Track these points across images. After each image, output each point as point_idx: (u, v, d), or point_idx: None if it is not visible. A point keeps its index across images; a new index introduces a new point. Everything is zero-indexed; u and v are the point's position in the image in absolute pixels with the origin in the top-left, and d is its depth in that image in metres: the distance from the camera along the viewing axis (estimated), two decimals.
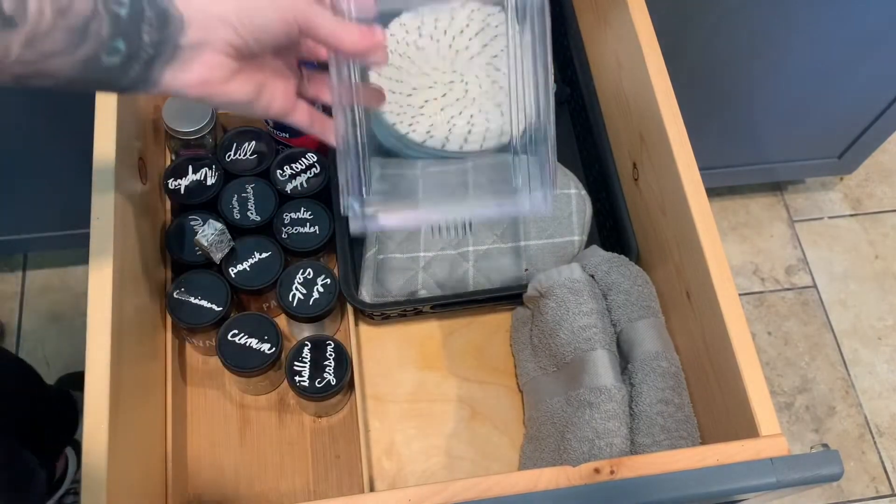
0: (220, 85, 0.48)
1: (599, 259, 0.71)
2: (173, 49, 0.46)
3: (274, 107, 0.53)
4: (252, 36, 0.48)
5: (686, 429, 0.65)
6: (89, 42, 0.43)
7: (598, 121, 0.80)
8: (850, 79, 1.26)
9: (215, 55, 0.47)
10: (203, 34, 0.46)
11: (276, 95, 0.53)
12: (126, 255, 0.64)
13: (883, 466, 1.42)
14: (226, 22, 0.47)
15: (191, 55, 0.46)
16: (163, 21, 0.45)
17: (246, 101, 0.51)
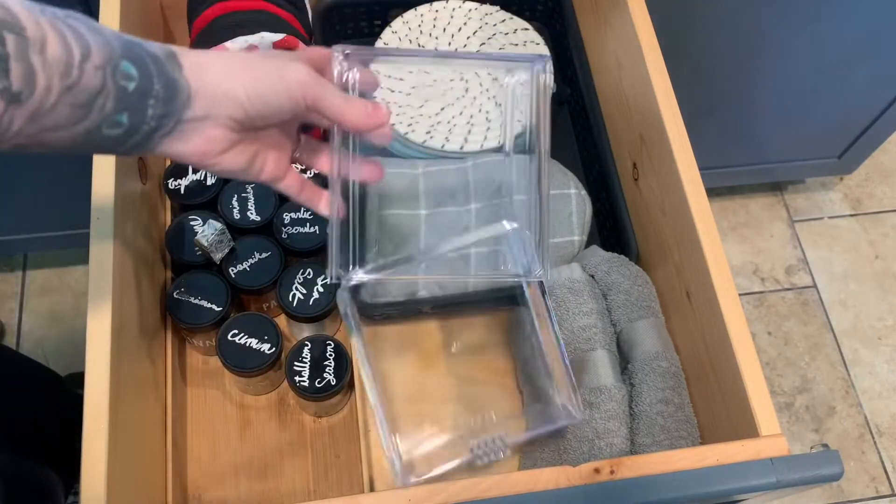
0: (215, 156, 0.48)
1: (599, 259, 0.71)
2: (176, 122, 0.46)
3: (264, 173, 0.53)
4: (258, 113, 0.48)
5: (686, 429, 0.65)
6: (92, 116, 0.42)
7: (598, 121, 0.80)
8: (850, 79, 1.26)
9: (216, 129, 0.47)
10: (208, 109, 0.46)
11: (267, 162, 0.52)
12: (126, 256, 0.64)
13: (883, 466, 1.42)
14: (234, 98, 0.47)
15: (192, 128, 0.46)
16: (170, 95, 0.44)
17: (238, 171, 0.51)
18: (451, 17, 0.86)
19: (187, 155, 0.47)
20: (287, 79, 0.48)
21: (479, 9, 0.86)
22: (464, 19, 0.86)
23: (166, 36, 0.87)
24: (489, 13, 0.87)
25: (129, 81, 0.43)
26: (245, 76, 0.47)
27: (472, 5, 0.87)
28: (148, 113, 0.44)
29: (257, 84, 0.47)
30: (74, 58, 0.40)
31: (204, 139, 0.47)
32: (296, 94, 0.49)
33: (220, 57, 0.48)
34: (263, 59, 0.49)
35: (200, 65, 0.46)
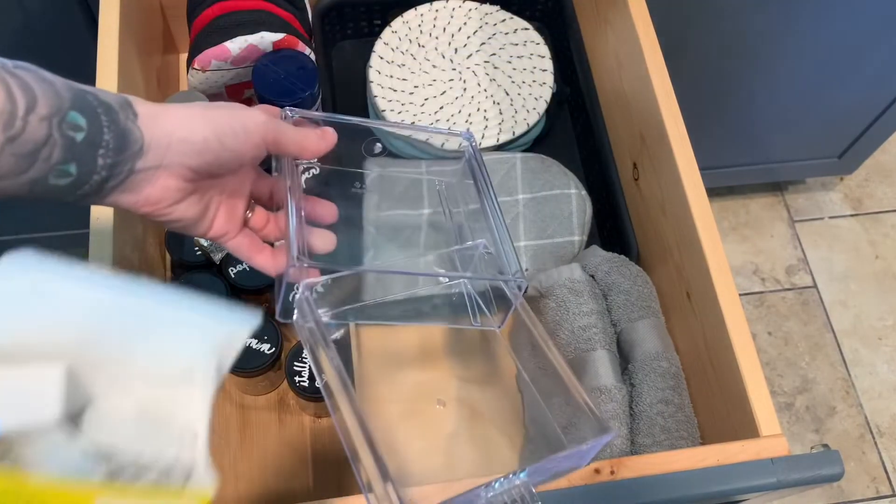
0: (167, 206, 0.48)
1: (600, 259, 0.71)
2: (128, 173, 0.45)
3: (214, 228, 0.52)
4: (216, 158, 0.48)
5: (686, 429, 0.65)
6: (38, 166, 0.42)
7: (599, 121, 0.79)
8: (851, 79, 1.26)
9: (170, 178, 0.46)
10: (162, 158, 0.46)
11: (218, 216, 0.52)
12: (125, 256, 0.64)
13: (883, 467, 1.42)
14: (190, 145, 0.46)
15: (145, 178, 0.46)
16: (122, 145, 0.44)
17: (190, 222, 0.50)
18: (451, 17, 0.86)
19: (140, 205, 0.47)
20: (245, 121, 0.48)
21: (479, 8, 0.86)
22: (464, 19, 0.86)
23: (166, 36, 0.87)
24: (489, 13, 0.86)
25: (76, 132, 0.42)
26: (203, 122, 0.47)
27: (472, 5, 0.86)
28: (98, 163, 0.43)
29: (216, 128, 0.47)
30: (19, 109, 0.40)
31: (157, 189, 0.46)
32: (254, 136, 0.49)
33: (176, 108, 0.47)
34: (221, 107, 0.49)
35: (156, 114, 0.46)
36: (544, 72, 0.83)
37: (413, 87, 0.83)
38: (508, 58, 0.84)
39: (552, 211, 0.76)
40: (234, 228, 0.53)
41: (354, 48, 0.89)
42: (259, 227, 0.56)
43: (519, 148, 0.83)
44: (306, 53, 0.76)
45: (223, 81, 0.76)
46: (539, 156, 0.79)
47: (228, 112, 0.48)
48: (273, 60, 0.73)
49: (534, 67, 0.84)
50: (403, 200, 0.76)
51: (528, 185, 0.77)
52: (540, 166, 0.78)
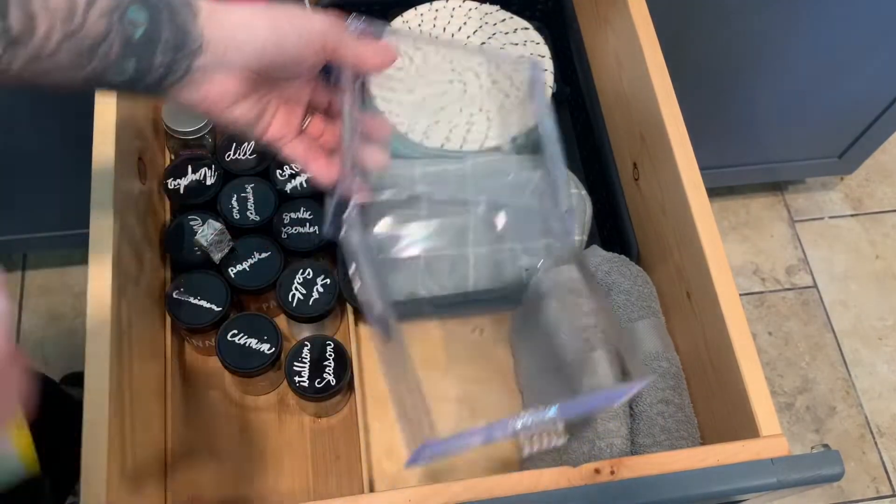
0: (225, 107, 0.48)
1: (600, 259, 0.71)
2: (185, 71, 0.45)
3: (270, 132, 0.52)
4: (277, 63, 0.47)
5: (686, 429, 0.65)
6: (95, 62, 0.42)
7: (599, 120, 0.79)
8: (851, 78, 1.26)
9: (228, 79, 0.46)
10: (221, 58, 0.46)
11: (275, 121, 0.52)
12: (125, 256, 0.64)
13: (884, 467, 1.42)
14: (251, 47, 0.46)
15: (202, 77, 0.46)
16: (180, 43, 0.44)
17: (245, 124, 0.50)
18: (451, 17, 0.86)
19: (197, 102, 0.47)
20: (308, 27, 0.48)
21: (479, 8, 0.86)
22: (464, 19, 0.86)
23: None
24: (489, 12, 0.86)
25: (136, 28, 0.42)
26: (265, 25, 0.46)
27: (472, 4, 0.86)
28: (156, 60, 0.43)
29: (277, 32, 0.47)
30: (79, 4, 0.40)
31: (216, 88, 0.46)
32: (315, 42, 0.48)
33: (240, 7, 0.47)
34: (285, 10, 0.48)
35: (217, 13, 0.45)
36: (544, 71, 0.83)
37: (413, 87, 0.83)
38: None
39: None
40: (291, 133, 0.53)
41: None
42: (316, 135, 0.55)
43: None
44: None
45: None
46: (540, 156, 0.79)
47: (291, 15, 0.48)
48: None
49: None
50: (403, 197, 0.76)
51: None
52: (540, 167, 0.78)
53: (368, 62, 0.51)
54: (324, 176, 0.54)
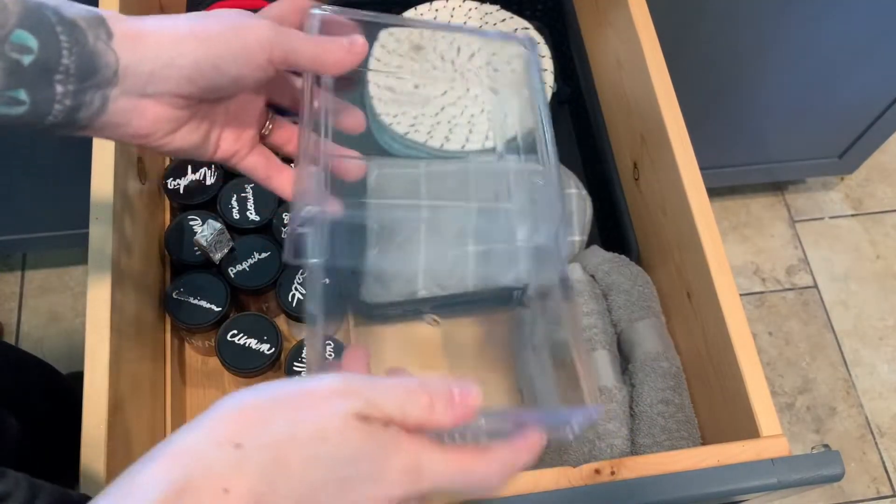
0: (162, 137, 0.43)
1: (600, 259, 0.71)
2: (101, 103, 0.40)
3: (220, 151, 0.46)
4: (212, 84, 0.42)
5: (687, 429, 0.65)
6: None
7: (599, 120, 0.79)
8: (851, 78, 1.26)
9: (159, 108, 0.41)
10: (144, 86, 0.40)
11: (224, 138, 0.46)
12: (125, 256, 0.63)
13: (884, 467, 1.42)
14: (179, 70, 0.40)
15: (128, 107, 0.40)
16: (88, 70, 0.38)
17: (190, 149, 0.45)
18: (451, 17, 0.86)
19: (129, 137, 0.42)
20: (245, 39, 0.41)
21: (479, 8, 0.86)
22: (464, 18, 0.86)
23: None
24: (489, 12, 0.86)
25: (23, 54, 0.37)
26: (194, 43, 0.40)
27: (472, 4, 0.86)
28: (56, 90, 0.38)
29: (210, 51, 0.40)
30: None
31: (146, 120, 0.41)
32: (257, 56, 0.42)
33: (165, 22, 0.41)
34: (217, 20, 0.42)
35: (138, 34, 0.40)
36: (544, 71, 0.83)
37: (413, 87, 0.83)
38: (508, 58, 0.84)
39: None
40: (245, 148, 0.47)
41: None
42: (281, 143, 0.49)
43: None
44: None
45: None
46: None
47: (225, 28, 0.41)
48: None
49: None
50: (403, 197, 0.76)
51: None
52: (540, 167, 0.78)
53: (330, 63, 0.44)
54: (287, 191, 0.48)
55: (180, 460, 0.32)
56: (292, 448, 0.32)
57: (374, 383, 0.35)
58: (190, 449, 0.32)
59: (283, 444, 0.32)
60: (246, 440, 0.32)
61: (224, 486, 0.31)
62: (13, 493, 0.45)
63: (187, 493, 0.31)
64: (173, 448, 0.33)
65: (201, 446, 0.32)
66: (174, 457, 0.32)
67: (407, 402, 0.35)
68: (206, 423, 0.33)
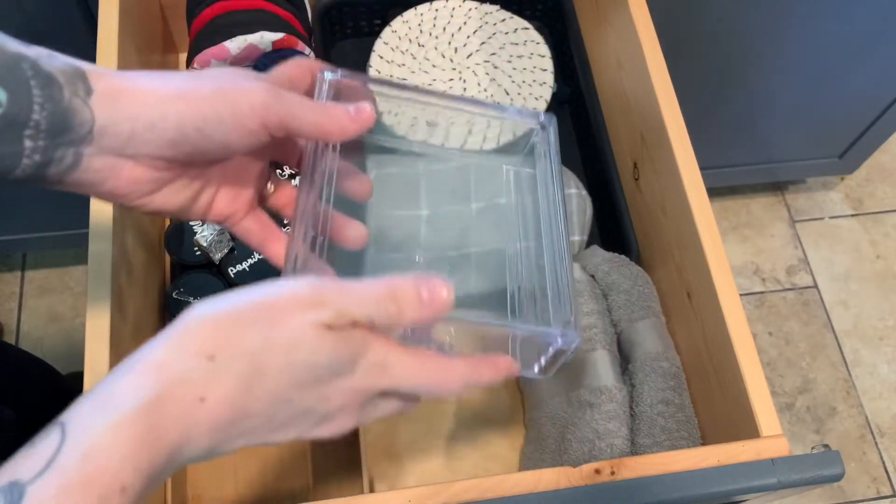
0: (141, 198, 0.41)
1: (600, 259, 0.71)
2: (73, 160, 0.38)
3: (212, 213, 0.44)
4: (196, 149, 0.39)
5: (687, 429, 0.65)
6: None
7: (599, 120, 0.79)
8: (852, 78, 1.26)
9: (137, 169, 0.39)
10: (123, 147, 0.38)
11: (217, 200, 0.44)
12: (125, 256, 0.63)
13: (884, 467, 1.42)
14: (160, 136, 0.38)
15: (103, 166, 0.39)
16: (60, 127, 0.37)
17: (174, 210, 0.43)
18: (451, 17, 0.86)
19: (105, 195, 0.40)
20: (236, 103, 0.39)
21: (479, 8, 0.86)
22: (464, 18, 0.86)
23: (165, 35, 0.87)
24: (489, 12, 0.86)
25: None
26: (178, 104, 0.38)
27: (472, 4, 0.86)
28: (25, 145, 0.36)
29: (196, 113, 0.38)
30: None
31: (122, 181, 0.39)
32: (249, 122, 0.39)
33: (152, 79, 0.39)
34: (210, 81, 0.40)
35: (120, 91, 0.38)
36: (544, 71, 0.83)
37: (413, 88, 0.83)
38: (508, 57, 0.84)
39: None
40: (241, 210, 0.45)
41: (354, 48, 0.89)
42: (282, 205, 0.47)
43: None
44: (306, 53, 0.76)
45: None
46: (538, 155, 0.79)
47: (215, 90, 0.39)
48: (273, 60, 0.73)
49: (534, 67, 0.84)
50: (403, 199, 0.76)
51: None
52: None
53: (332, 131, 0.41)
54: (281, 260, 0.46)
55: (155, 373, 0.32)
56: (267, 357, 0.34)
57: (342, 292, 0.36)
58: (164, 362, 0.33)
59: (257, 353, 0.34)
60: (219, 352, 0.33)
61: (200, 395, 0.32)
62: None
63: (164, 403, 0.32)
64: (147, 361, 0.33)
65: (175, 358, 0.33)
66: (149, 369, 0.33)
67: (375, 311, 0.36)
68: (176, 337, 0.34)
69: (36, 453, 0.31)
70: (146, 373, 0.33)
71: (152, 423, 0.32)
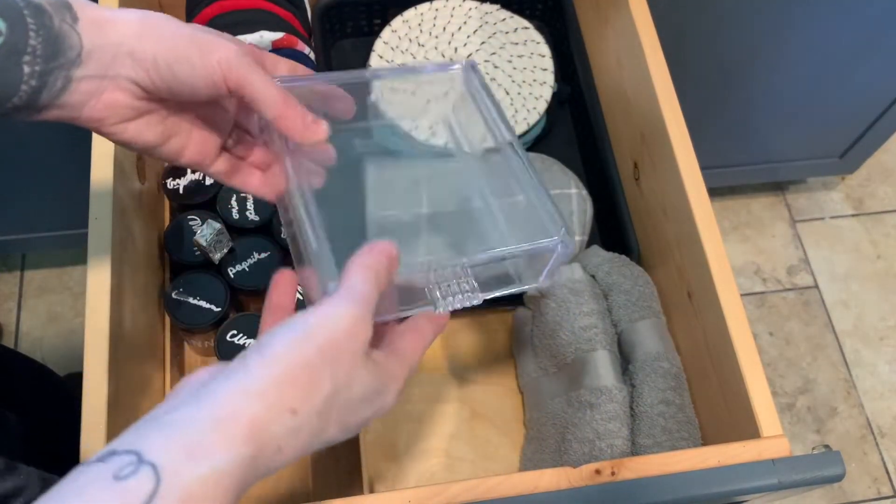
0: (115, 124, 0.43)
1: (600, 259, 0.71)
2: (65, 81, 0.40)
3: (185, 156, 0.47)
4: (166, 84, 0.42)
5: (687, 430, 0.65)
6: None
7: (599, 120, 0.79)
8: (852, 78, 1.26)
9: (117, 93, 0.42)
10: (106, 69, 0.41)
11: (189, 144, 0.47)
12: (124, 256, 0.63)
13: (885, 467, 1.41)
14: (139, 61, 0.41)
15: (87, 89, 0.41)
16: (54, 51, 0.39)
17: (147, 146, 0.45)
18: (451, 16, 0.86)
19: (83, 120, 0.42)
20: (208, 53, 0.42)
21: (479, 7, 0.86)
22: (464, 18, 0.86)
23: None
24: (489, 12, 0.86)
25: None
26: (158, 41, 0.41)
27: (472, 4, 0.86)
28: (23, 71, 0.39)
29: (170, 52, 0.41)
30: None
31: (102, 103, 0.42)
32: (214, 72, 0.42)
33: (134, 15, 0.42)
34: (188, 28, 0.42)
35: (103, 20, 0.41)
36: (544, 71, 0.83)
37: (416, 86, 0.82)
38: (509, 57, 0.84)
39: None
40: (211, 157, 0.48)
41: (354, 47, 0.89)
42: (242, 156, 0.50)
43: None
44: (306, 52, 0.76)
45: None
46: (539, 155, 0.79)
47: (191, 36, 0.42)
48: None
49: (534, 66, 0.83)
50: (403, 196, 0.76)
51: None
52: (540, 166, 0.78)
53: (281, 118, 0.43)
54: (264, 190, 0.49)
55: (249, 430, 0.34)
56: (334, 400, 0.38)
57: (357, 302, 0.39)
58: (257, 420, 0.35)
59: (328, 401, 0.37)
60: (300, 406, 0.36)
61: (280, 446, 0.36)
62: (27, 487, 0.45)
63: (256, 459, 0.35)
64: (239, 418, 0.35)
65: (265, 415, 0.35)
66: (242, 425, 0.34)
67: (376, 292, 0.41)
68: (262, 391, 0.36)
69: (128, 491, 0.31)
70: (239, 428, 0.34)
71: (244, 476, 0.34)
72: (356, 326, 0.38)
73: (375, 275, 0.41)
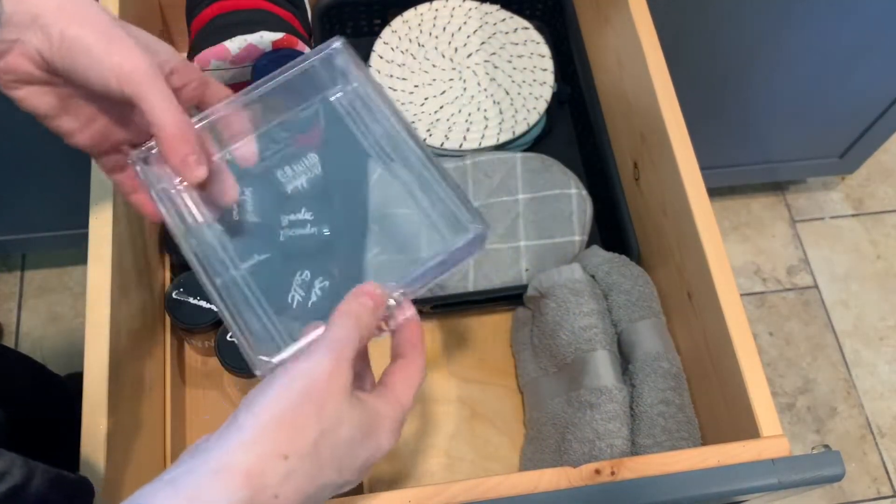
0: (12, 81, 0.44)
1: (600, 259, 0.71)
2: None
3: (77, 139, 0.47)
4: (63, 66, 0.42)
5: (687, 429, 0.65)
6: None
7: (599, 120, 0.79)
8: (852, 78, 1.26)
9: (21, 57, 0.43)
10: (19, 34, 0.42)
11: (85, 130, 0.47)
12: (124, 256, 0.63)
13: (884, 467, 1.41)
14: (47, 35, 0.42)
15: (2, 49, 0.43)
16: None
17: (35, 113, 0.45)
18: (451, 16, 0.86)
19: None
20: (112, 55, 0.41)
21: (479, 8, 0.86)
22: (464, 18, 0.86)
23: (165, 35, 0.87)
24: (489, 12, 0.86)
25: None
26: (72, 22, 0.42)
27: (472, 4, 0.86)
28: None
29: (77, 40, 0.41)
30: None
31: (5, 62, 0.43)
32: (108, 78, 0.42)
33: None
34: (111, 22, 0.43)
35: None
36: (544, 71, 0.83)
37: (413, 87, 0.83)
38: (508, 57, 0.84)
39: (552, 211, 0.76)
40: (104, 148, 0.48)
41: (354, 47, 0.89)
42: None
43: (519, 147, 0.83)
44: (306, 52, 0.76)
45: (223, 81, 0.76)
46: (539, 155, 0.79)
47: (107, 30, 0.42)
48: (272, 60, 0.73)
49: (534, 67, 0.83)
50: None
51: (528, 185, 0.77)
52: (540, 166, 0.78)
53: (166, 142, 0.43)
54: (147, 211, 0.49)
55: (244, 479, 0.36)
56: (322, 443, 0.39)
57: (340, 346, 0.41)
58: (251, 468, 0.37)
59: (317, 444, 0.38)
60: (291, 451, 0.38)
61: (276, 493, 0.37)
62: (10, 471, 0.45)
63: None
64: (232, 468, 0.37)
65: (258, 463, 0.37)
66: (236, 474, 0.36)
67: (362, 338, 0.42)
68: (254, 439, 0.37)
69: None
70: (235, 477, 0.36)
71: None
72: (337, 369, 0.40)
73: (356, 319, 0.42)
